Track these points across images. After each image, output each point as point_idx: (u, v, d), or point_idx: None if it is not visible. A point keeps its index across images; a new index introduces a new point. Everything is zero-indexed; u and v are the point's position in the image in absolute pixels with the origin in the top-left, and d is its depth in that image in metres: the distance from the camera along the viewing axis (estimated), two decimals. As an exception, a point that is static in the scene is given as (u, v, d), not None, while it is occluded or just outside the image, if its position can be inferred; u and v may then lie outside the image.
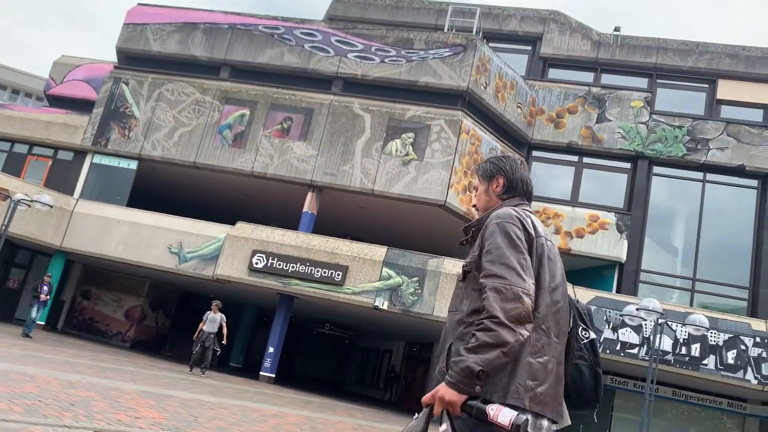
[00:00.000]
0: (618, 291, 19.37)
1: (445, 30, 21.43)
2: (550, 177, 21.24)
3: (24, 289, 21.80)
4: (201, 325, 15.35)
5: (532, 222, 2.17)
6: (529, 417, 1.95)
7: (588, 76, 22.19)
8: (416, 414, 1.98)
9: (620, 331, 16.30)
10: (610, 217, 20.15)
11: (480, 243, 2.13)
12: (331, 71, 20.08)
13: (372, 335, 27.63)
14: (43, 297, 15.93)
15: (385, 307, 16.63)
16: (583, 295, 16.78)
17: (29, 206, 17.24)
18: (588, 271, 20.38)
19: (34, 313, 15.52)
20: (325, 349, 33.20)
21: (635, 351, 16.14)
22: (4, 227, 16.46)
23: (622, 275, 19.88)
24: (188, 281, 20.40)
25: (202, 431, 5.96)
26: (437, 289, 16.53)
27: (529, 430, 1.88)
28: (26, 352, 10.18)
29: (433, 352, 24.07)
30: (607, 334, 16.33)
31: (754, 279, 19.25)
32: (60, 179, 21.14)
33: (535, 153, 21.38)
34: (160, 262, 18.66)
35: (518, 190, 2.33)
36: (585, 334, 2.46)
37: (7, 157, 21.93)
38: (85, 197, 20.44)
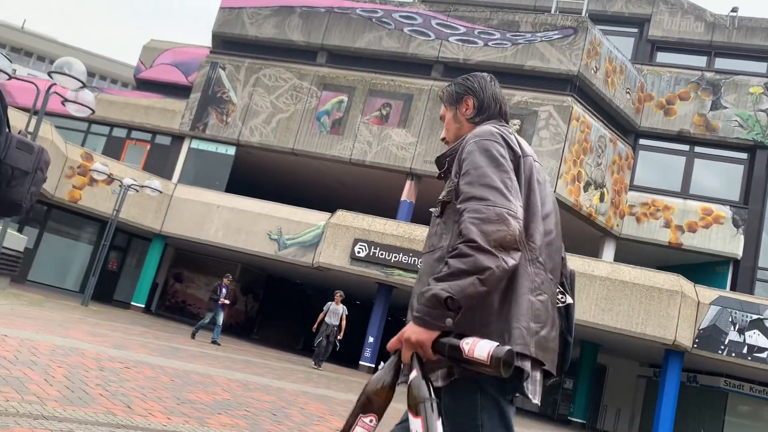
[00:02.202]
0: (732, 289, 18.29)
1: (552, 11, 20.49)
2: (659, 167, 20.17)
3: (121, 271, 22.22)
4: (321, 316, 14.89)
5: (517, 139, 1.82)
6: (527, 363, 1.63)
7: (700, 60, 20.92)
8: (382, 363, 1.59)
9: (747, 333, 15.32)
10: (725, 211, 18.99)
11: (457, 168, 1.79)
12: (431, 55, 19.49)
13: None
14: (222, 300, 14.69)
15: (493, 300, 16.06)
16: (706, 294, 15.84)
17: (137, 191, 17.40)
18: (699, 267, 19.32)
19: (220, 319, 14.50)
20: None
21: (764, 355, 15.14)
22: (115, 212, 16.63)
23: (738, 272, 18.75)
24: (277, 266, 20.35)
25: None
26: (549, 283, 15.84)
27: (527, 367, 1.62)
28: (168, 344, 10.10)
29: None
30: (733, 336, 15.37)
31: None
32: (158, 163, 21.33)
33: (642, 141, 20.33)
34: (260, 248, 18.61)
35: (492, 111, 1.95)
36: (562, 298, 2.18)
37: (106, 141, 22.27)
38: (183, 182, 20.56)
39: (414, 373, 1.55)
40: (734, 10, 20.78)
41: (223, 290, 14.77)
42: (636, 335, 15.23)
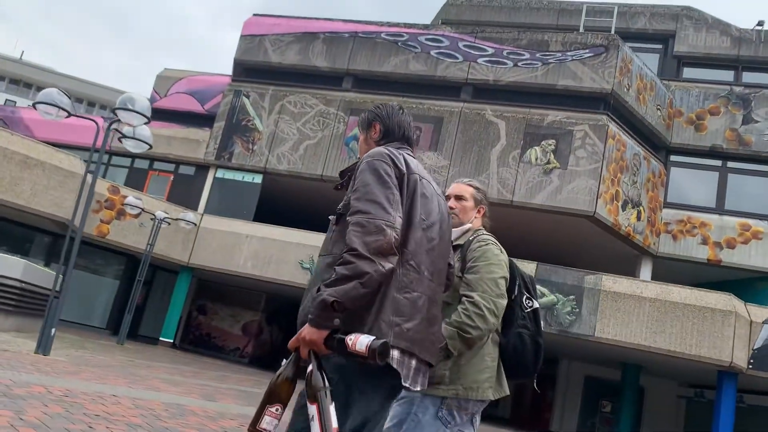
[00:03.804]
0: (775, 305, 17.93)
1: (581, 30, 20.38)
2: (692, 183, 19.91)
3: (146, 306, 21.69)
4: None
5: (405, 159, 2.10)
6: (395, 352, 1.88)
7: (728, 75, 20.78)
8: (283, 360, 1.92)
9: (804, 352, 14.94)
10: (764, 226, 18.71)
11: (353, 184, 2.04)
12: (460, 77, 19.27)
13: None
14: None
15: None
16: (758, 312, 15.49)
17: (169, 224, 16.99)
18: (739, 283, 18.94)
19: None
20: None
21: (823, 374, 14.76)
22: (149, 246, 16.20)
23: (780, 288, 18.42)
24: (301, 294, 19.83)
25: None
26: (597, 308, 15.48)
27: (395, 356, 1.87)
28: (235, 387, 9.64)
29: (559, 370, 22.98)
30: (789, 355, 14.99)
31: None
32: (182, 194, 20.93)
33: (674, 157, 20.07)
34: (292, 277, 18.17)
35: (396, 135, 2.29)
36: (529, 303, 2.55)
37: (128, 173, 21.88)
38: (209, 212, 20.15)
39: (311, 367, 1.79)
40: (760, 23, 20.71)
41: None
42: (691, 357, 14.83)
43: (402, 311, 1.91)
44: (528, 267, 16.21)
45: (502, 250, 2.66)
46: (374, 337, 1.73)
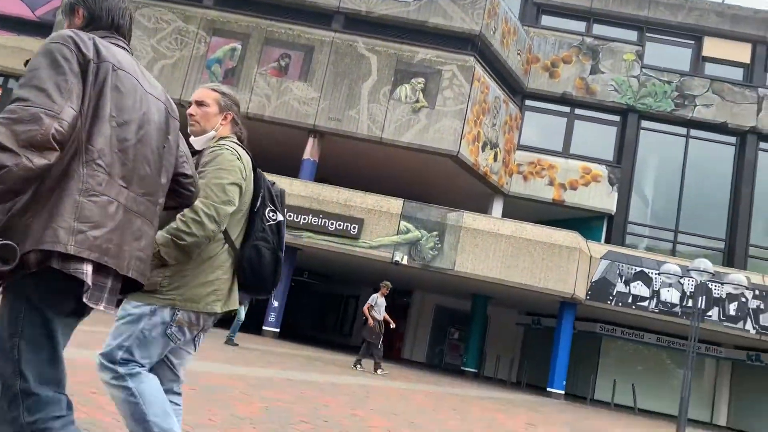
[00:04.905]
0: (607, 242, 19.93)
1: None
2: (543, 127, 21.15)
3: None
4: (368, 310, 12.94)
5: (96, 45, 1.80)
6: (86, 265, 1.69)
7: (581, 26, 22.01)
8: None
9: (632, 284, 16.82)
10: (602, 170, 20.49)
11: None
12: (332, 5, 18.53)
13: (337, 281, 27.01)
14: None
15: (404, 262, 16.11)
16: (596, 249, 17.09)
17: None
18: (577, 221, 20.73)
19: (242, 313, 12.40)
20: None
21: (645, 303, 16.76)
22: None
23: (612, 227, 20.45)
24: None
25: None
26: (458, 243, 16.17)
27: (86, 270, 1.67)
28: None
29: (413, 301, 24.00)
30: (620, 287, 16.81)
31: (730, 231, 20.44)
32: (12, 112, 18.40)
33: (529, 102, 21.14)
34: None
35: (103, 22, 1.96)
36: (272, 215, 2.51)
37: (-58, 84, 18.79)
38: (46, 134, 17.97)
39: None
40: (611, -22, 21.98)
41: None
42: (539, 290, 16.10)
43: (88, 216, 1.68)
44: (395, 204, 16.46)
45: (242, 156, 2.46)
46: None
